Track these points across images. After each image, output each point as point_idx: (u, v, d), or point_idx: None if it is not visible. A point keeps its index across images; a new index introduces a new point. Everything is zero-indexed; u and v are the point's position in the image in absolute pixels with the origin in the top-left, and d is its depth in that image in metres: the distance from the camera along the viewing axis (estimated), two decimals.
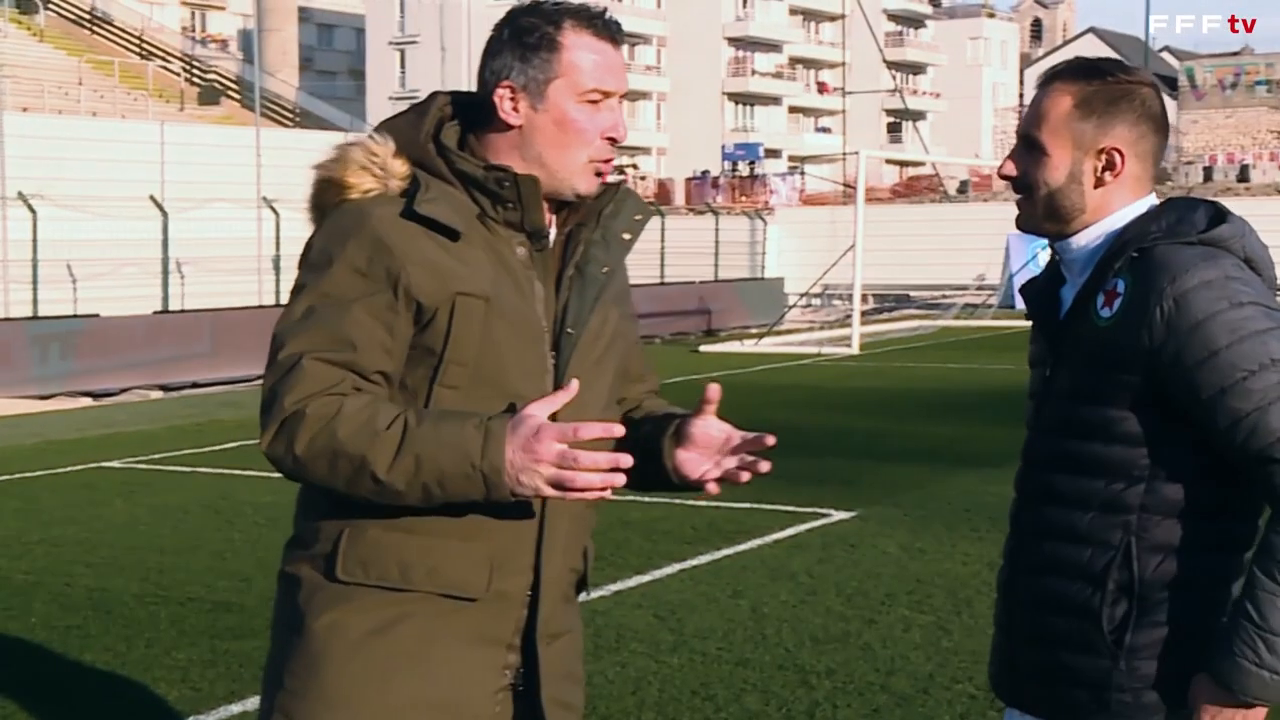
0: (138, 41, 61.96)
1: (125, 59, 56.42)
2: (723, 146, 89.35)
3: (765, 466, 3.25)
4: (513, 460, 2.92)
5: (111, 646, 8.30)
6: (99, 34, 61.30)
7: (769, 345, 31.53)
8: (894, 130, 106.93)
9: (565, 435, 2.93)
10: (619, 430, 3.03)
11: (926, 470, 13.92)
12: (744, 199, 69.96)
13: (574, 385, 3.06)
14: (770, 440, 3.26)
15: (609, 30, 3.18)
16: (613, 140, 3.19)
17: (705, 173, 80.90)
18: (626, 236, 3.31)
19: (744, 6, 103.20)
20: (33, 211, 27.68)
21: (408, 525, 3.06)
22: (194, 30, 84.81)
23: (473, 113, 3.22)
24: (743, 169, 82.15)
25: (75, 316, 26.79)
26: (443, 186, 3.11)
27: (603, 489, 3.00)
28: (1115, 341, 3.12)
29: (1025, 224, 3.37)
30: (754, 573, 9.92)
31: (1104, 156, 3.24)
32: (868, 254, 32.73)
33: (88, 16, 62.66)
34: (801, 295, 37.97)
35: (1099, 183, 3.25)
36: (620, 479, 3.00)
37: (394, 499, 2.98)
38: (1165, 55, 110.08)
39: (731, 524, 11.53)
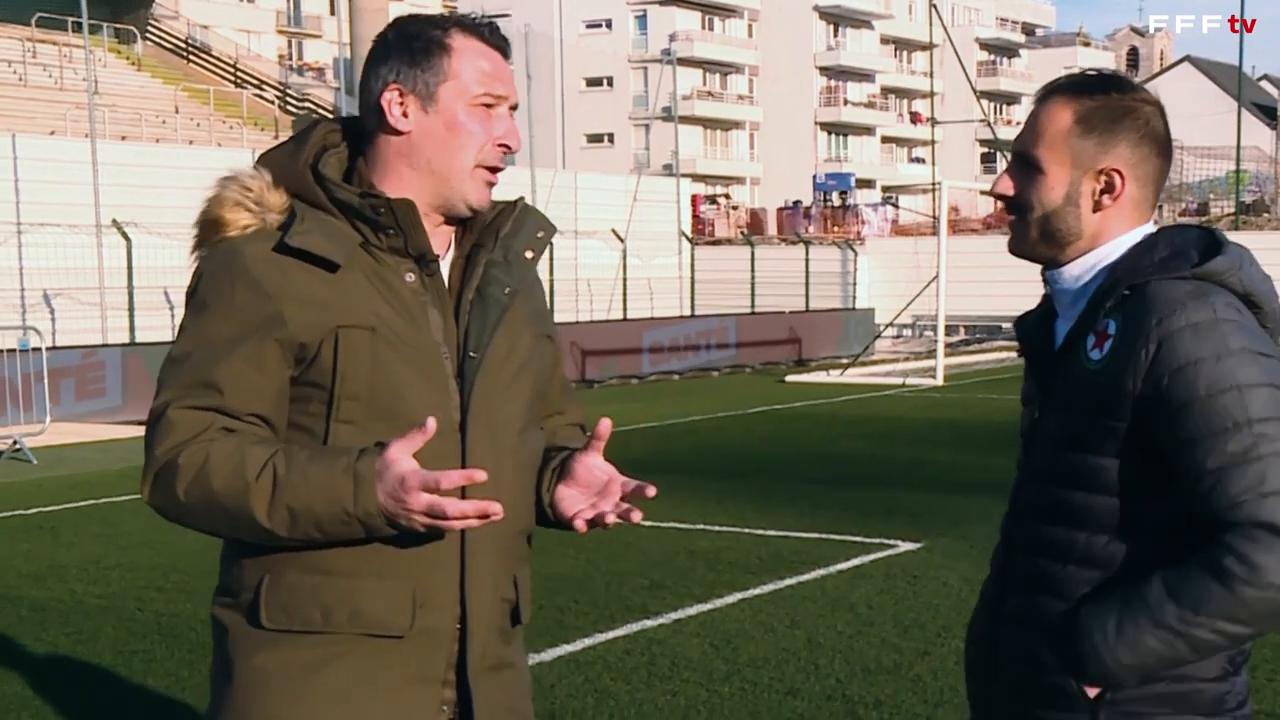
0: (233, 70, 62.64)
1: (221, 87, 57.04)
2: (814, 176, 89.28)
3: (637, 516, 3.08)
4: (384, 505, 2.87)
5: (174, 671, 8.46)
6: (195, 63, 62.00)
7: (854, 376, 31.48)
8: (988, 161, 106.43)
9: (429, 485, 2.84)
10: (480, 476, 2.92)
11: (996, 502, 13.66)
12: (836, 229, 69.78)
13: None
14: (650, 491, 3.10)
15: (497, 40, 3.11)
16: (506, 148, 3.11)
17: (797, 203, 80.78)
18: (529, 255, 3.22)
19: (835, 36, 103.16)
20: (127, 239, 28.04)
21: (326, 566, 2.99)
22: (290, 58, 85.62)
23: (358, 134, 3.15)
24: (834, 199, 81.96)
25: (171, 343, 27.10)
26: (320, 217, 3.02)
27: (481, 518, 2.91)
28: (1101, 385, 2.95)
29: (1017, 248, 3.18)
30: (814, 603, 9.99)
31: (1103, 178, 3.05)
32: (959, 285, 32.65)
33: (185, 46, 63.41)
34: (886, 325, 37.86)
35: (1097, 206, 3.06)
36: (497, 512, 2.88)
37: (279, 542, 2.94)
38: (1263, 84, 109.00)
39: (797, 554, 11.62)
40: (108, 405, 23.06)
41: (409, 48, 3.06)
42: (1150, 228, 3.12)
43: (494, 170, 3.10)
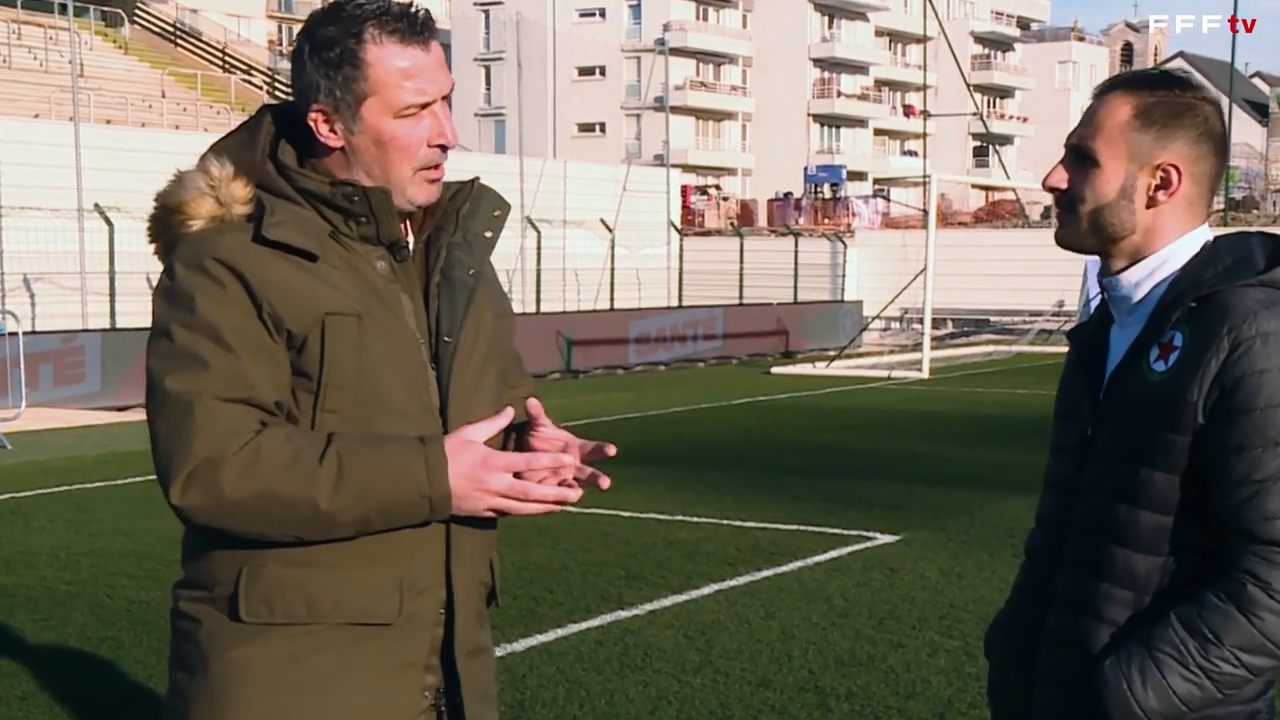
0: (221, 55, 62.47)
1: (209, 72, 56.89)
2: (805, 168, 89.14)
3: (605, 483, 3.06)
4: (456, 486, 2.86)
5: (142, 659, 8.35)
6: (183, 47, 61.84)
7: (840, 368, 31.39)
8: (980, 154, 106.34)
9: (514, 466, 2.90)
10: (569, 461, 3.02)
11: (977, 495, 13.81)
12: (826, 221, 69.80)
13: (508, 412, 2.98)
14: (610, 450, 3.13)
15: (415, 31, 2.95)
16: (441, 146, 3.01)
17: (788, 194, 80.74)
18: (488, 235, 3.18)
19: (829, 28, 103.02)
20: (109, 224, 27.92)
21: (308, 558, 2.91)
22: (280, 44, 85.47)
23: (301, 127, 3.03)
24: (825, 191, 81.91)
25: (154, 332, 26.97)
26: (289, 207, 2.94)
27: (541, 512, 2.98)
28: (1164, 397, 2.89)
29: (1066, 239, 3.12)
30: (790, 594, 9.89)
31: (1159, 173, 2.97)
32: (948, 278, 32.55)
33: (173, 30, 63.23)
34: (873, 318, 37.82)
35: (1151, 202, 2.99)
36: (563, 503, 2.99)
37: (328, 532, 2.86)
38: (1256, 81, 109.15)
39: (775, 546, 11.52)
40: (86, 391, 22.89)
41: (323, 60, 2.95)
42: (1206, 232, 3.05)
43: (435, 168, 3.03)
